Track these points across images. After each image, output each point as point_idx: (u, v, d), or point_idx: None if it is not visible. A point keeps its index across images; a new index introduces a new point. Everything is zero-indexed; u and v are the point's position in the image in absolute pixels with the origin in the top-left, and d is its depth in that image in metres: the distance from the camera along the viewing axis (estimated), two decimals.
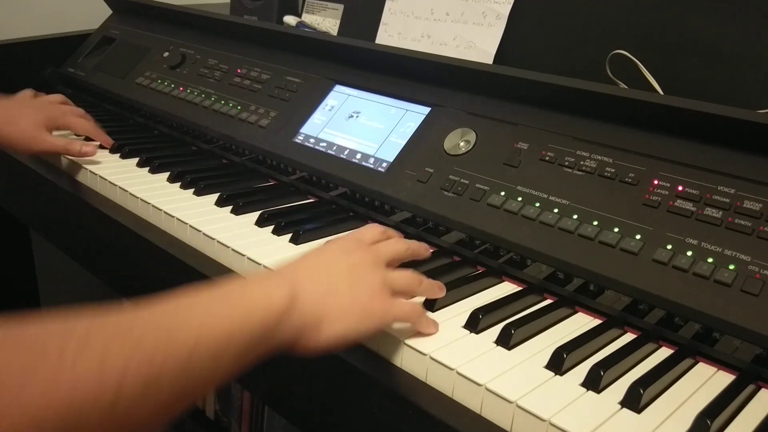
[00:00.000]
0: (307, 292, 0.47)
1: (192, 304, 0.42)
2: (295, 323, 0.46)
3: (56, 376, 0.33)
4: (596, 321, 0.61)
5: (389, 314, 0.52)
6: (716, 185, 0.61)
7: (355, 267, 0.52)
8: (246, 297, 0.44)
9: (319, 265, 0.51)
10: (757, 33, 0.75)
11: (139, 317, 0.39)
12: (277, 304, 0.45)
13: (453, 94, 0.82)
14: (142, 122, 1.15)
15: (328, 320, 0.48)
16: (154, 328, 0.38)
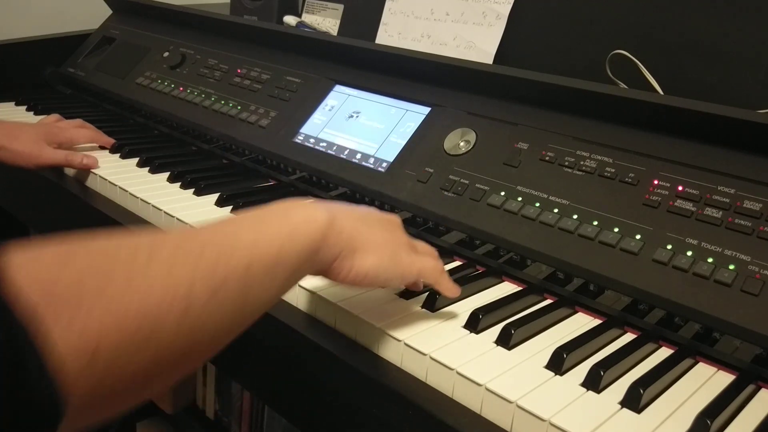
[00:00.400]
0: (346, 221, 0.50)
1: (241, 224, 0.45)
2: (333, 246, 0.49)
3: (131, 280, 0.34)
4: (596, 321, 0.61)
5: (413, 266, 0.54)
6: (716, 185, 0.61)
7: (388, 222, 0.55)
8: (290, 217, 0.47)
9: (357, 210, 0.54)
10: (757, 33, 0.75)
11: (197, 234, 0.41)
12: (318, 225, 0.47)
13: (453, 94, 0.82)
14: (142, 122, 1.15)
15: (362, 251, 0.50)
16: (212, 244, 0.40)
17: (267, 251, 0.43)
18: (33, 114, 1.18)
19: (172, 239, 0.39)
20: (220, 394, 1.49)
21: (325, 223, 0.48)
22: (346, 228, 0.50)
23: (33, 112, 1.19)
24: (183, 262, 0.37)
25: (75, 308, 0.31)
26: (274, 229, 0.45)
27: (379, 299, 0.61)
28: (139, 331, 0.33)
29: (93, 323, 0.31)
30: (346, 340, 0.58)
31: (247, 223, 0.45)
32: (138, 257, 0.36)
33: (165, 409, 1.56)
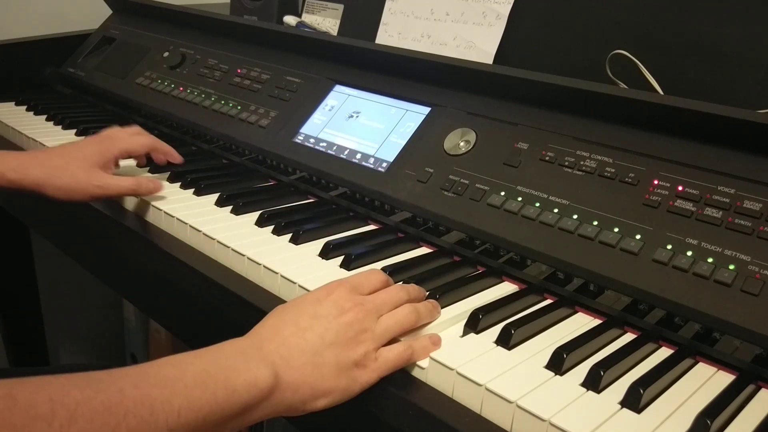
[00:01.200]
0: (292, 374, 0.49)
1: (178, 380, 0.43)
2: (274, 407, 0.48)
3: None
4: (596, 321, 0.61)
5: (372, 378, 0.52)
6: (716, 185, 0.61)
7: (344, 330, 0.52)
8: (230, 380, 0.45)
9: (309, 334, 0.51)
10: (757, 33, 0.75)
11: (127, 393, 0.40)
12: (259, 389, 0.46)
13: (453, 94, 0.82)
14: (142, 122, 1.15)
15: (311, 399, 0.50)
16: (137, 407, 0.40)
17: (191, 419, 0.42)
18: (33, 114, 1.18)
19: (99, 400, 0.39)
20: None
21: (269, 386, 0.47)
22: (293, 382, 0.48)
23: (33, 112, 1.19)
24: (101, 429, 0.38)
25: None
26: (208, 393, 0.43)
27: None
28: None
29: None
30: None
31: (183, 383, 0.43)
32: (57, 418, 0.36)
33: None
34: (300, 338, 0.50)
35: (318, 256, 0.69)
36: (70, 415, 0.37)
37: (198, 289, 0.70)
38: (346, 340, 0.51)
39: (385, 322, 0.54)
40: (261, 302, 0.63)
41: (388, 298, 0.56)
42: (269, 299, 0.64)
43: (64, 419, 0.37)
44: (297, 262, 0.67)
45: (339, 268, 0.67)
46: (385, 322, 0.54)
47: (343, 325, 0.52)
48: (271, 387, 0.47)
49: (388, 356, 0.52)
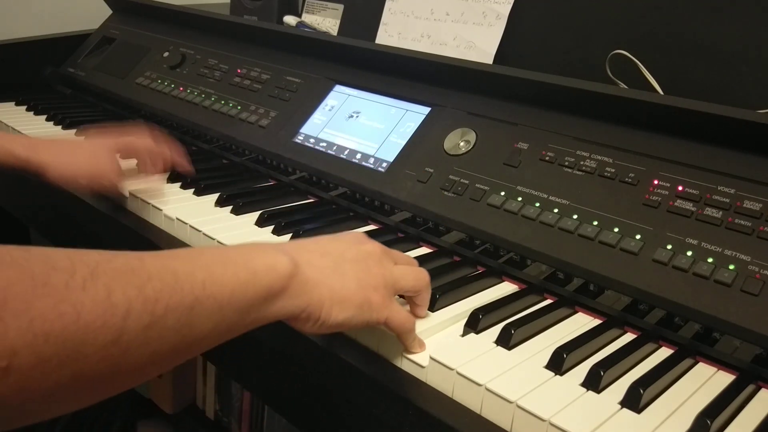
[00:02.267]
0: (312, 270, 0.48)
1: (200, 257, 0.42)
2: (296, 298, 0.46)
3: (67, 294, 0.33)
4: (596, 321, 0.61)
5: (382, 314, 0.51)
6: (716, 185, 0.61)
7: (364, 257, 0.52)
8: (251, 261, 0.44)
9: (330, 249, 0.51)
10: (757, 33, 0.75)
11: (147, 260, 0.39)
12: (279, 274, 0.45)
13: (453, 94, 0.82)
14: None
15: (329, 304, 0.48)
16: (160, 273, 0.38)
17: (218, 290, 0.41)
18: (33, 114, 1.18)
19: (120, 263, 0.37)
20: (220, 394, 1.49)
21: (287, 272, 0.46)
22: (312, 278, 0.48)
23: (33, 112, 1.19)
24: (123, 290, 0.35)
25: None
26: (230, 272, 0.42)
27: None
28: (57, 354, 0.32)
29: (7, 343, 0.30)
30: (346, 340, 0.58)
31: (203, 260, 0.42)
32: (78, 272, 0.34)
33: (165, 409, 1.56)
34: (321, 248, 0.51)
35: None
36: (91, 271, 0.35)
37: None
38: (368, 265, 0.52)
39: (401, 269, 0.54)
40: None
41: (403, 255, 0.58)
42: None
43: (86, 274, 0.34)
44: None
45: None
46: (402, 269, 0.54)
47: (364, 251, 0.53)
48: (291, 273, 0.46)
49: (401, 312, 0.52)
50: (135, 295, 0.36)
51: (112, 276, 0.35)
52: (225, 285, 0.41)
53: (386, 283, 0.52)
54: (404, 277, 0.54)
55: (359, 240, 0.54)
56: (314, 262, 0.49)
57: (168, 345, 0.38)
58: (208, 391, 1.53)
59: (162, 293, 0.37)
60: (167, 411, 1.56)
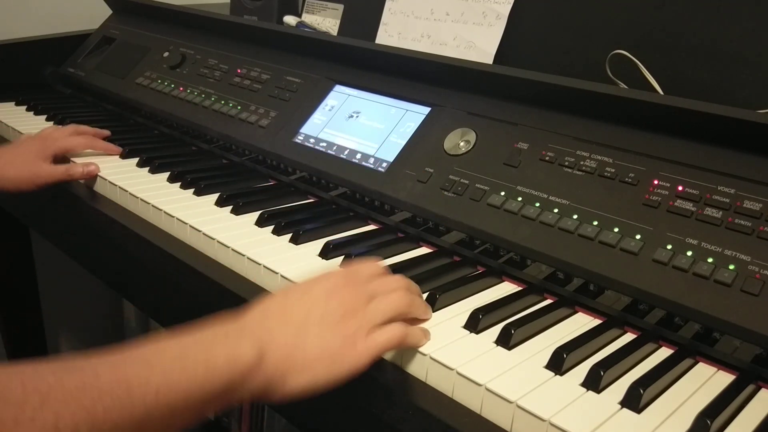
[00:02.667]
0: (274, 348, 0.47)
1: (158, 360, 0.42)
2: (259, 380, 0.46)
3: (16, 427, 0.35)
4: (596, 321, 0.61)
5: (362, 358, 0.50)
6: (716, 185, 0.61)
7: (330, 313, 0.51)
8: (210, 358, 0.44)
9: (294, 311, 0.51)
10: (757, 33, 0.75)
11: (103, 374, 0.40)
12: (241, 365, 0.45)
13: (453, 94, 0.82)
14: (142, 122, 1.15)
15: (294, 372, 0.48)
16: (112, 387, 0.39)
17: (170, 401, 0.41)
18: (33, 114, 1.19)
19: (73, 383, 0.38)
20: None
21: (251, 363, 0.45)
22: (275, 356, 0.47)
23: (33, 112, 1.19)
24: (72, 414, 0.37)
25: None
26: (188, 373, 0.42)
27: None
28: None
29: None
30: None
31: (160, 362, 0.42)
32: (29, 402, 0.36)
33: None
34: (285, 314, 0.50)
35: (318, 256, 0.69)
36: (42, 399, 0.36)
37: (198, 289, 0.70)
38: (334, 320, 0.50)
39: (375, 304, 0.53)
40: None
41: (381, 283, 0.55)
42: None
43: (36, 403, 0.36)
44: (297, 262, 0.67)
45: (339, 269, 0.66)
46: (376, 304, 0.53)
47: (331, 305, 0.51)
48: (253, 363, 0.46)
49: (378, 339, 0.51)
50: (83, 418, 0.37)
51: (63, 401, 0.37)
52: (180, 389, 0.42)
53: (358, 330, 0.51)
54: (379, 312, 0.52)
55: (329, 292, 0.52)
56: (277, 337, 0.48)
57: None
58: None
59: (112, 411, 0.38)
60: None
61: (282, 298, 0.52)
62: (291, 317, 0.50)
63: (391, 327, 0.52)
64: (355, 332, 0.50)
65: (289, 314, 0.50)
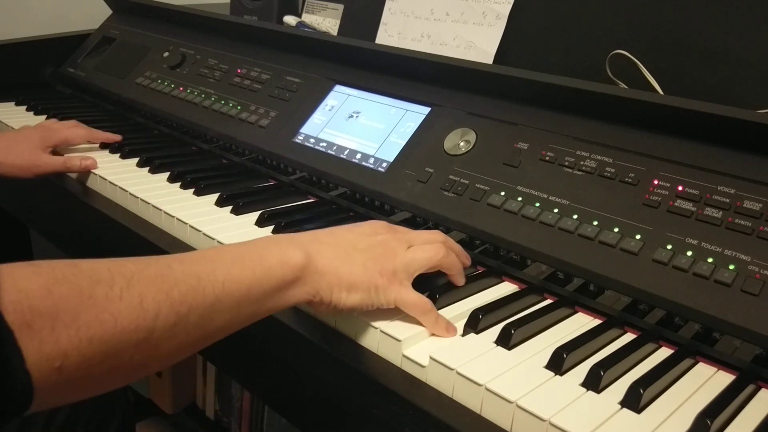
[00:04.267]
0: (321, 259, 0.53)
1: (220, 259, 0.48)
2: (309, 285, 0.52)
3: (107, 304, 0.40)
4: (596, 321, 0.61)
5: (390, 296, 0.55)
6: (716, 185, 0.61)
7: (374, 246, 0.56)
8: (265, 258, 0.50)
9: (342, 238, 0.56)
10: (756, 33, 0.75)
11: (175, 266, 0.45)
12: (291, 267, 0.50)
13: (453, 94, 0.82)
14: (142, 122, 1.15)
15: (338, 290, 0.53)
16: (185, 277, 0.44)
17: (234, 291, 0.46)
18: (33, 114, 1.18)
19: (152, 271, 0.43)
20: (220, 394, 1.49)
21: (300, 265, 0.51)
22: (324, 267, 0.52)
23: (33, 112, 1.19)
24: (154, 296, 0.42)
25: (48, 335, 0.37)
26: (247, 269, 0.48)
27: None
28: (98, 354, 0.39)
29: (59, 350, 0.37)
30: (346, 340, 0.58)
31: (223, 261, 0.48)
32: (117, 283, 0.41)
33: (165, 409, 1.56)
34: (333, 239, 0.56)
35: None
36: (128, 282, 0.41)
37: None
38: (377, 254, 0.56)
39: (414, 251, 0.57)
40: None
41: (421, 234, 0.61)
42: None
43: (123, 284, 0.41)
44: None
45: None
46: (414, 251, 0.58)
47: (374, 241, 0.57)
48: (302, 266, 0.51)
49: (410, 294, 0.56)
50: (163, 299, 0.42)
51: (145, 284, 0.42)
52: (242, 282, 0.47)
53: (396, 269, 0.56)
54: (415, 259, 0.57)
55: (372, 231, 0.58)
56: (324, 252, 0.53)
57: (192, 337, 0.45)
58: (208, 391, 1.53)
59: (186, 296, 0.43)
60: (167, 411, 1.56)
61: (330, 230, 0.58)
62: (339, 242, 0.55)
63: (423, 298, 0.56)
64: (393, 270, 0.55)
65: (336, 240, 0.56)
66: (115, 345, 0.40)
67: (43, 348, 0.36)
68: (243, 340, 0.65)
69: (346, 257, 0.54)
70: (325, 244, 0.54)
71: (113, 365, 0.40)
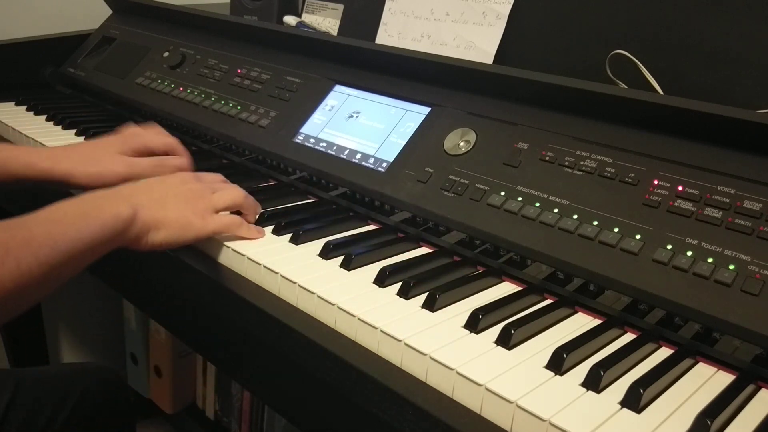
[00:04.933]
0: (144, 209, 0.64)
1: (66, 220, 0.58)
2: (134, 230, 0.63)
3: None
4: (596, 321, 0.61)
5: (206, 227, 0.68)
6: (716, 185, 0.61)
7: (184, 191, 0.69)
8: (101, 216, 0.60)
9: (157, 187, 0.68)
10: (756, 33, 0.75)
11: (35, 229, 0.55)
12: (121, 220, 0.61)
13: (453, 94, 0.82)
14: (142, 122, 1.15)
15: (154, 229, 0.65)
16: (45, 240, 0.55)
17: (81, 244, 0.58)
18: (33, 114, 1.18)
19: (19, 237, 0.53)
20: (220, 394, 1.49)
21: (128, 218, 0.62)
22: (145, 216, 0.64)
23: (33, 112, 1.19)
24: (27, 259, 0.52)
25: None
26: (89, 227, 0.59)
27: (379, 299, 0.61)
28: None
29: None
30: (346, 340, 0.58)
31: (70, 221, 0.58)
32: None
33: (165, 409, 1.56)
34: (149, 190, 0.67)
35: (318, 256, 0.69)
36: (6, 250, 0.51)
37: (197, 289, 0.70)
38: (187, 197, 0.68)
39: (219, 194, 0.71)
40: (261, 302, 0.63)
41: (223, 183, 0.75)
42: (269, 298, 0.64)
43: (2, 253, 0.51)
44: (297, 262, 0.67)
45: (339, 268, 0.67)
46: (219, 194, 0.71)
47: (185, 188, 0.69)
48: (131, 218, 0.62)
49: (221, 219, 0.69)
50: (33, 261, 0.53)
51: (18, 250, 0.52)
52: (85, 239, 0.58)
53: (205, 207, 0.68)
54: (221, 198, 0.70)
55: (184, 180, 0.70)
56: (144, 202, 0.65)
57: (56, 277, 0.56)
58: (208, 391, 1.53)
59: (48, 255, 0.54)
60: (167, 411, 1.56)
61: (143, 182, 0.69)
62: (154, 192, 0.67)
63: (232, 216, 0.71)
64: (204, 210, 0.68)
65: (152, 191, 0.67)
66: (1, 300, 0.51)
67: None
68: (243, 340, 0.65)
69: (161, 202, 0.66)
70: (144, 195, 0.66)
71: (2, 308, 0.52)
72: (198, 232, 0.67)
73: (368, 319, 0.57)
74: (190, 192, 0.69)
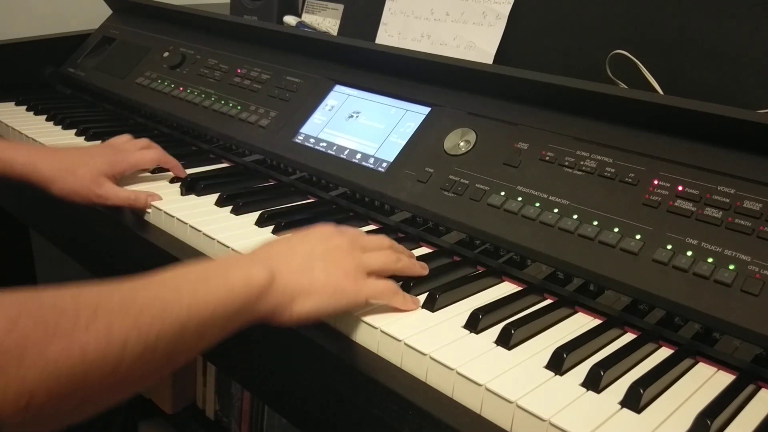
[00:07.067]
0: (283, 273, 0.53)
1: (182, 281, 0.48)
2: (270, 301, 0.52)
3: (73, 337, 0.38)
4: (596, 321, 0.61)
5: (360, 294, 0.56)
6: (716, 185, 0.61)
7: (331, 251, 0.57)
8: (229, 279, 0.50)
9: (298, 248, 0.57)
10: (757, 33, 0.75)
11: (140, 293, 0.45)
12: (255, 286, 0.51)
13: (453, 94, 0.82)
14: (142, 122, 1.15)
15: (300, 297, 0.53)
16: (151, 304, 0.44)
17: (201, 311, 0.47)
18: (33, 114, 1.18)
19: (117, 299, 0.43)
20: (220, 394, 1.49)
21: (264, 284, 0.51)
22: (285, 283, 0.53)
23: (33, 112, 1.19)
24: (121, 324, 0.41)
25: (14, 371, 0.36)
26: (211, 292, 0.48)
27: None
28: (67, 389, 0.38)
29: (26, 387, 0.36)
30: (346, 340, 0.58)
31: (187, 284, 0.48)
32: (82, 314, 0.40)
33: (165, 409, 1.56)
34: (290, 250, 0.56)
35: None
36: (94, 312, 0.40)
37: None
38: (335, 257, 0.57)
39: (369, 254, 0.59)
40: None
41: (370, 238, 0.62)
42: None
43: (89, 315, 0.40)
44: None
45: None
46: (370, 254, 0.59)
47: (332, 244, 0.58)
48: (266, 283, 0.51)
49: (375, 284, 0.57)
50: (130, 328, 0.42)
51: (111, 313, 0.41)
52: (207, 305, 0.47)
53: (356, 269, 0.57)
54: (373, 260, 0.59)
55: (327, 236, 0.59)
56: (284, 265, 0.54)
57: (161, 362, 0.45)
58: (208, 391, 1.53)
59: (153, 323, 0.43)
60: (167, 411, 1.56)
61: (284, 240, 0.59)
62: (296, 252, 0.56)
63: (387, 281, 0.59)
64: (355, 270, 0.57)
65: (294, 250, 0.56)
66: (83, 378, 0.39)
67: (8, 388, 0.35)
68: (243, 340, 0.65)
69: (305, 266, 0.55)
70: (284, 258, 0.55)
71: (83, 398, 0.40)
72: (350, 300, 0.56)
73: (368, 319, 0.57)
74: (338, 251, 0.57)
